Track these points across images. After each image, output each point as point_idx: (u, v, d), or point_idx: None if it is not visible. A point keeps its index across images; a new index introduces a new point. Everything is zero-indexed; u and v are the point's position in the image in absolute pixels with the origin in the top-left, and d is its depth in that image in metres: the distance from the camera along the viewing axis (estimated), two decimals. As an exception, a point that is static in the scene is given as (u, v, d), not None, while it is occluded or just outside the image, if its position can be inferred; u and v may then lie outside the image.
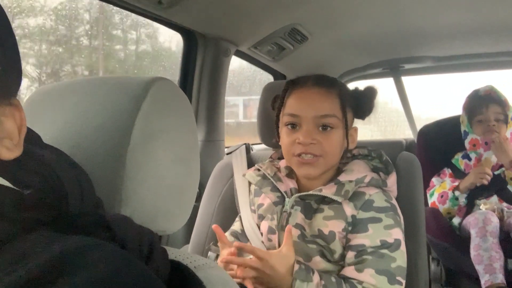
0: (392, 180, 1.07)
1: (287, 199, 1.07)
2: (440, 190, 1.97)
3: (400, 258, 0.96)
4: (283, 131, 1.05)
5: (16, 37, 0.41)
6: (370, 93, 1.07)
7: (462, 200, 1.91)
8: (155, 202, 0.50)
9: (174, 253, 0.49)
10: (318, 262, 1.00)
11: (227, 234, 1.19)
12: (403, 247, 0.98)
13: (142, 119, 0.49)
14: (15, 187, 0.43)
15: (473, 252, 1.73)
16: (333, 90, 1.01)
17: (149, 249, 0.42)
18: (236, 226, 1.21)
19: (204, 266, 0.48)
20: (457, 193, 1.91)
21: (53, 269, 0.32)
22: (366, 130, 3.49)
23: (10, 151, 0.40)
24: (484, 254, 1.69)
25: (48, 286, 0.31)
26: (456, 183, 1.93)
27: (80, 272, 0.32)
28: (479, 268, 1.69)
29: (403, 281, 0.95)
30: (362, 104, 1.07)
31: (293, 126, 1.02)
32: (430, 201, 1.98)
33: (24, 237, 0.36)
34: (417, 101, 2.95)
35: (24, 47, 1.55)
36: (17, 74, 0.42)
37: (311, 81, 1.03)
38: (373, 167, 1.09)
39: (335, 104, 1.00)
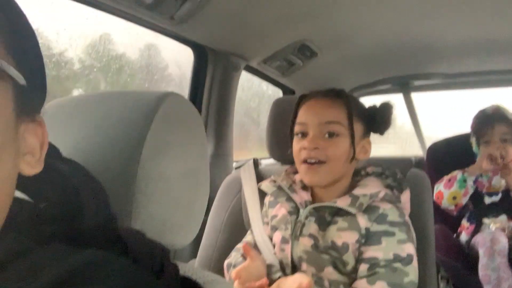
0: (405, 197, 1.09)
1: (301, 210, 1.08)
2: (449, 176, 1.94)
3: (413, 273, 0.96)
4: (294, 140, 1.10)
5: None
6: (385, 108, 1.11)
7: (470, 183, 1.86)
8: (165, 216, 0.50)
9: (183, 268, 0.49)
10: (330, 273, 1.00)
11: (239, 246, 1.21)
12: (415, 262, 0.98)
13: (154, 134, 0.49)
14: (31, 200, 0.43)
15: (481, 272, 1.70)
16: (339, 100, 1.06)
17: (160, 264, 0.42)
18: (249, 238, 1.21)
19: (213, 282, 0.48)
20: (466, 174, 1.87)
21: (66, 284, 0.32)
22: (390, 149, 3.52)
23: (31, 167, 0.40)
24: (492, 274, 1.66)
25: None
26: (467, 168, 1.90)
27: (92, 287, 0.32)
28: None
29: None
30: (377, 119, 1.10)
31: (303, 135, 1.07)
32: (435, 192, 1.93)
33: (38, 250, 0.36)
34: (429, 121, 2.94)
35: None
36: (42, 91, 0.43)
37: (320, 93, 1.09)
38: (386, 184, 1.10)
39: (340, 113, 1.04)
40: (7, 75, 0.35)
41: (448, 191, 1.90)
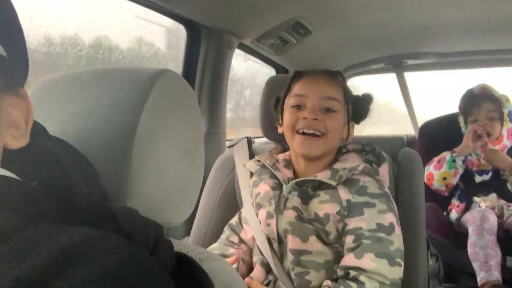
0: (383, 169, 1.12)
1: (284, 186, 1.11)
2: (438, 158, 1.97)
3: (397, 240, 0.99)
4: (287, 113, 1.11)
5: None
6: (368, 98, 1.15)
7: (459, 163, 1.91)
8: (160, 194, 0.50)
9: (179, 245, 0.50)
10: (314, 242, 1.03)
11: (226, 228, 1.24)
12: (398, 230, 1.01)
13: (148, 111, 0.48)
14: (20, 179, 0.43)
15: (469, 250, 1.74)
16: (337, 80, 1.10)
17: (154, 241, 0.42)
18: (232, 220, 1.25)
19: (209, 258, 0.49)
20: (454, 154, 1.91)
21: (60, 261, 0.32)
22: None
23: (16, 140, 0.40)
24: (480, 252, 1.70)
25: (55, 278, 0.31)
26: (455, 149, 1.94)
27: (87, 264, 0.32)
28: (475, 265, 1.70)
29: (403, 263, 0.98)
30: (360, 108, 1.15)
31: (298, 107, 1.08)
32: (426, 173, 1.97)
33: (30, 229, 0.36)
34: (422, 102, 2.95)
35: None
36: (24, 64, 0.42)
37: (318, 71, 1.12)
38: (366, 160, 1.13)
39: (339, 91, 1.08)
40: None
41: (438, 172, 1.93)
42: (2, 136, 0.39)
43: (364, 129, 3.34)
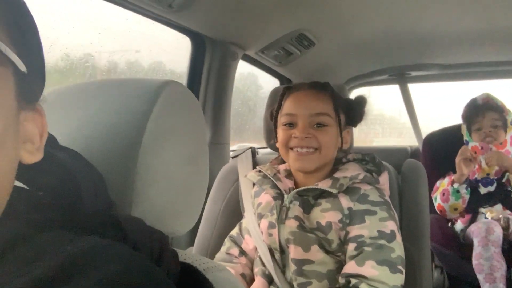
0: (384, 178, 1.13)
1: (285, 195, 1.12)
2: (441, 189, 1.97)
3: (398, 248, 0.99)
4: (280, 130, 1.13)
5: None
6: (361, 101, 1.16)
7: (463, 191, 1.90)
8: (165, 203, 0.51)
9: (183, 255, 0.50)
10: (316, 251, 1.03)
11: (226, 240, 1.23)
12: (399, 238, 1.01)
13: (154, 121, 0.49)
14: (29, 188, 0.43)
15: (474, 261, 1.73)
16: (326, 92, 1.11)
17: (159, 250, 0.42)
18: (233, 231, 1.25)
19: (213, 268, 0.49)
20: (455, 185, 1.90)
21: (66, 270, 0.32)
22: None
23: (31, 155, 0.40)
24: (485, 263, 1.69)
25: (61, 286, 0.31)
26: (452, 177, 1.94)
27: (92, 273, 0.33)
28: (480, 277, 1.69)
29: (404, 270, 0.98)
30: (354, 112, 1.15)
31: (290, 125, 1.10)
32: (435, 204, 1.98)
33: (37, 237, 0.36)
34: (426, 114, 2.96)
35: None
36: (41, 79, 0.42)
37: (306, 85, 1.13)
38: (366, 169, 1.13)
39: (328, 104, 1.08)
40: (9, 61, 0.35)
41: (448, 205, 1.94)
42: (18, 150, 0.39)
43: (374, 141, 3.36)
